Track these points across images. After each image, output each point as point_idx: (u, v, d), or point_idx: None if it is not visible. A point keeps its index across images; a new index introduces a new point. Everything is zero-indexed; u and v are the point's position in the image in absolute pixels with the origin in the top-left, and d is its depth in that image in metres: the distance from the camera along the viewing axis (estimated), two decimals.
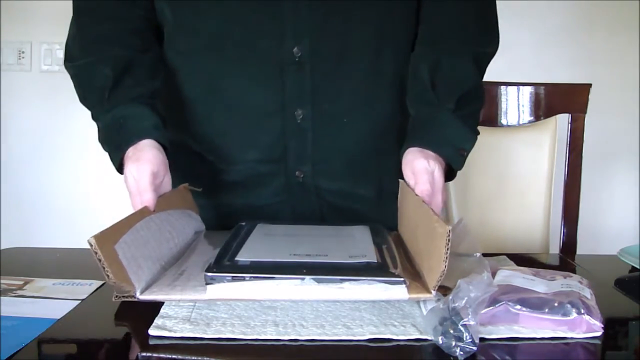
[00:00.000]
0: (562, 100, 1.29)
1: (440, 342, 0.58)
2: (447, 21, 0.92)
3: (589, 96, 1.27)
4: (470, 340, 0.57)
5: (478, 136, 0.89)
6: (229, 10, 0.87)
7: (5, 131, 2.05)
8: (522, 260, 0.91)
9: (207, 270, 0.65)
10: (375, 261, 0.69)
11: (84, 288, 0.78)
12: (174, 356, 0.59)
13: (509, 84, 1.30)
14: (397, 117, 0.95)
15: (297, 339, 0.61)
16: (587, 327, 0.64)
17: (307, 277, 0.63)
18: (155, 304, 0.67)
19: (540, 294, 0.67)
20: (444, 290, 0.62)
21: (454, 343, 0.58)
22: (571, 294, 0.67)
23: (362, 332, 0.62)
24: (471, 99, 0.89)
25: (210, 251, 0.80)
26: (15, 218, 2.07)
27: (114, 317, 0.69)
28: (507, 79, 1.30)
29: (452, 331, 0.58)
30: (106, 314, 0.71)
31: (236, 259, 0.69)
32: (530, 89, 1.30)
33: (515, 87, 1.30)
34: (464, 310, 0.58)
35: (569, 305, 0.64)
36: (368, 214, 0.96)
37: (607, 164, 2.07)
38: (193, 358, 0.58)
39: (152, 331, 0.62)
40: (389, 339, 0.62)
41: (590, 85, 1.27)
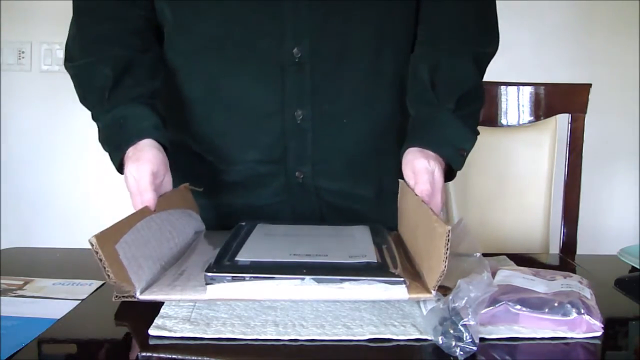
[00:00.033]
0: (562, 100, 1.29)
1: (440, 342, 0.58)
2: (447, 21, 0.92)
3: (589, 96, 1.27)
4: (470, 340, 0.57)
5: (478, 136, 0.89)
6: (229, 11, 0.87)
7: (5, 131, 2.05)
8: (522, 260, 0.91)
9: (207, 270, 0.65)
10: (375, 261, 0.69)
11: (84, 288, 0.78)
12: (174, 356, 0.59)
13: (509, 84, 1.30)
14: (397, 117, 0.95)
15: (297, 339, 0.61)
16: (587, 327, 0.64)
17: (307, 277, 0.63)
18: (155, 304, 0.67)
19: (540, 294, 0.67)
20: (444, 290, 0.62)
21: (454, 343, 0.58)
22: (571, 294, 0.67)
23: (362, 332, 0.62)
24: (471, 99, 0.89)
25: (210, 251, 0.80)
26: (15, 218, 2.07)
27: (114, 317, 0.69)
28: (507, 79, 1.29)
29: (452, 331, 0.58)
30: (106, 314, 0.71)
31: (236, 259, 0.68)
32: (530, 89, 1.30)
33: (515, 87, 1.30)
34: (464, 310, 0.58)
35: (569, 305, 0.64)
36: (368, 214, 0.97)
37: (607, 164, 2.07)
38: (193, 358, 0.58)
39: (152, 331, 0.62)
40: (389, 339, 0.62)
41: (590, 85, 1.27)
